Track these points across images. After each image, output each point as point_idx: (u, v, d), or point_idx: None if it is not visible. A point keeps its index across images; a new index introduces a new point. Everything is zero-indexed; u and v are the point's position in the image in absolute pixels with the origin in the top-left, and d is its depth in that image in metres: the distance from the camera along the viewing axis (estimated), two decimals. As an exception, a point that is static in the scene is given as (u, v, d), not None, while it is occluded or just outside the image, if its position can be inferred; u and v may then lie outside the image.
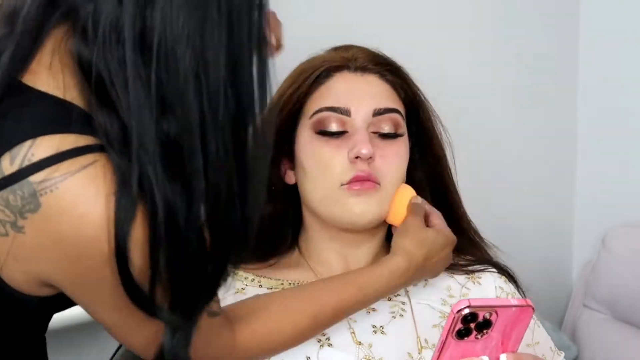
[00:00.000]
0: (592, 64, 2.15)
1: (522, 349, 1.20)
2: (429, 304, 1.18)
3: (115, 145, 0.76)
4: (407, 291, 1.19)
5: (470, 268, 1.24)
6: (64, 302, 0.86)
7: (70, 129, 0.77)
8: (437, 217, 1.16)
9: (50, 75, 0.79)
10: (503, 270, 1.25)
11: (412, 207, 1.15)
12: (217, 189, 0.79)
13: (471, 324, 0.87)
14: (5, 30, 0.80)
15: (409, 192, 1.17)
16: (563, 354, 1.27)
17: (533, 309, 0.89)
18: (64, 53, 0.80)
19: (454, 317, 0.85)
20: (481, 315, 0.86)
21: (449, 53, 1.88)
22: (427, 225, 1.15)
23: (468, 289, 1.21)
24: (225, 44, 0.77)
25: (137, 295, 0.80)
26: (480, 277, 1.23)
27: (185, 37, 0.75)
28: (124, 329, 0.86)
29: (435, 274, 1.16)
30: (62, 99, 0.79)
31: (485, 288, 1.22)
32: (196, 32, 0.76)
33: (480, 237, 1.28)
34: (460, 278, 1.23)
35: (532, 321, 1.23)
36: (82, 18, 0.77)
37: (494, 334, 0.88)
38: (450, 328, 0.86)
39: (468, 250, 1.26)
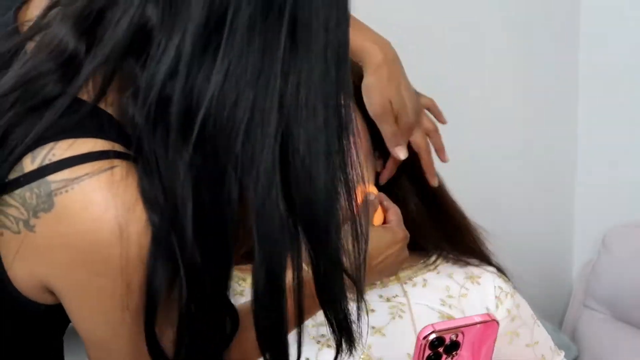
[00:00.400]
0: (593, 64, 2.15)
1: (521, 348, 1.21)
2: (428, 304, 1.18)
3: (154, 204, 0.75)
4: (405, 292, 1.19)
5: (469, 264, 1.24)
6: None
7: (98, 134, 0.76)
8: (392, 214, 1.14)
9: (88, 87, 0.79)
10: (496, 267, 1.25)
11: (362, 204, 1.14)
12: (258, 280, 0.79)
13: (439, 348, 0.87)
14: (50, 65, 0.77)
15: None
16: (563, 353, 1.27)
17: (497, 322, 0.89)
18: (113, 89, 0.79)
19: (421, 344, 0.85)
20: (447, 338, 0.86)
21: (448, 53, 1.88)
22: (384, 222, 1.14)
23: (467, 289, 1.21)
24: (278, 138, 0.76)
25: (157, 353, 0.80)
26: (479, 277, 1.23)
27: (230, 126, 0.74)
28: (113, 346, 0.83)
29: (389, 274, 1.15)
30: (95, 106, 0.78)
31: (484, 287, 1.22)
32: (243, 120, 0.74)
33: (467, 221, 1.28)
34: (459, 278, 1.23)
35: (532, 320, 1.23)
36: (135, 82, 0.76)
37: (463, 352, 0.88)
38: (419, 355, 0.86)
39: (454, 237, 1.25)
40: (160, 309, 0.78)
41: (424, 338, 0.85)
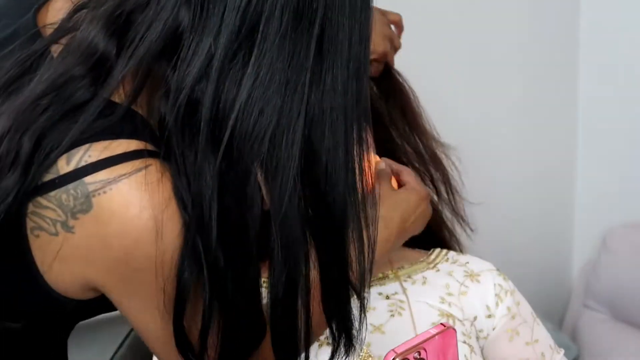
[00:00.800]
0: (593, 64, 2.15)
1: (521, 347, 1.21)
2: (427, 302, 1.18)
3: (184, 204, 0.77)
4: (404, 289, 1.19)
5: (468, 266, 1.24)
6: (96, 308, 0.87)
7: (132, 135, 0.77)
8: (407, 175, 1.16)
9: (119, 90, 0.79)
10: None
11: (377, 175, 1.14)
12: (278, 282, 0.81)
13: None
14: (80, 68, 0.78)
15: (372, 160, 1.15)
16: (562, 352, 1.27)
17: (454, 329, 0.89)
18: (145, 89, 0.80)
19: None
20: (412, 357, 0.87)
21: (448, 54, 1.88)
22: (399, 184, 1.14)
23: (467, 287, 1.21)
24: (302, 145, 0.77)
25: (184, 346, 0.81)
26: (479, 275, 1.23)
27: (256, 133, 0.75)
28: (166, 339, 0.84)
29: (418, 231, 1.15)
30: (129, 108, 0.79)
31: (484, 285, 1.22)
32: (269, 127, 0.76)
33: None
34: (459, 276, 1.22)
35: (532, 319, 1.23)
36: (167, 84, 0.77)
37: None
38: None
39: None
40: (189, 305, 0.79)
41: None
